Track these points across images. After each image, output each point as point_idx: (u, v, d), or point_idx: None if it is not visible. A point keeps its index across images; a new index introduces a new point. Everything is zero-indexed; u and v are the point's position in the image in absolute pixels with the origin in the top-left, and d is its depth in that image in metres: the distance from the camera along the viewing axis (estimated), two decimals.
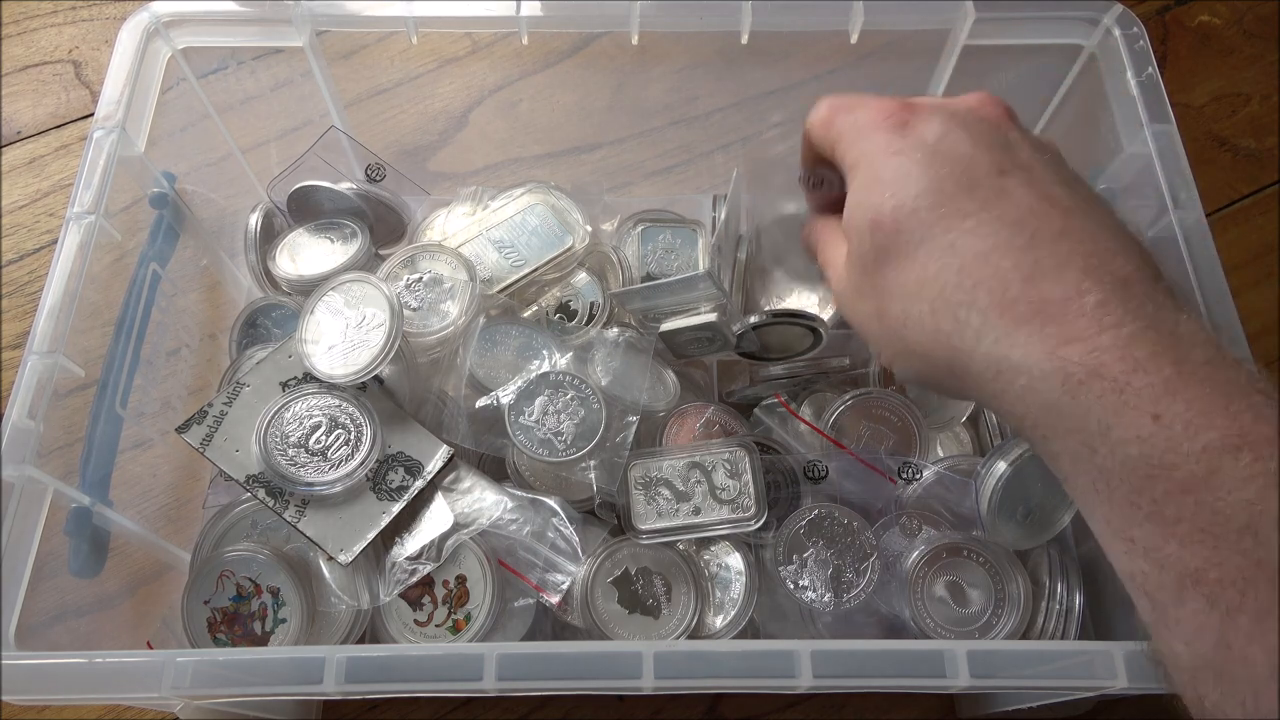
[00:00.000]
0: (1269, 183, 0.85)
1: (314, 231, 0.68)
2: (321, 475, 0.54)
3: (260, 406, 0.56)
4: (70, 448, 0.53)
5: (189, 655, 0.44)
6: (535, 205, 0.65)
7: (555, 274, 0.65)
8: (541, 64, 0.73)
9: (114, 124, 0.57)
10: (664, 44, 0.65)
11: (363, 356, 0.56)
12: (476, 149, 0.79)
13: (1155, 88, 0.59)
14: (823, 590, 0.56)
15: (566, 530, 0.57)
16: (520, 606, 0.57)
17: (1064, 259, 0.37)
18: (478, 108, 0.79)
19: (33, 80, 0.88)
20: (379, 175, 0.69)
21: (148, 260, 0.61)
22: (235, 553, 0.55)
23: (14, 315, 0.77)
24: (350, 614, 0.55)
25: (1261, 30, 0.92)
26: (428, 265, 0.62)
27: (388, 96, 0.78)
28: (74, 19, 0.91)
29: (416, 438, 0.57)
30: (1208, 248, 0.54)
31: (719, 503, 0.57)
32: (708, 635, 0.57)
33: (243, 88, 0.68)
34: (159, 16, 0.60)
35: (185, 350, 0.66)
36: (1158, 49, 0.61)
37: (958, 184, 0.40)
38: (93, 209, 0.55)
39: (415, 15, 0.61)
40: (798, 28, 0.63)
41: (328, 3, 0.62)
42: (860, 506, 0.59)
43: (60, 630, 0.52)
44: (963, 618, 0.56)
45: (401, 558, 0.55)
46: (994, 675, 0.43)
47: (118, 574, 0.59)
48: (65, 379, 0.52)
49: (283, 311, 0.68)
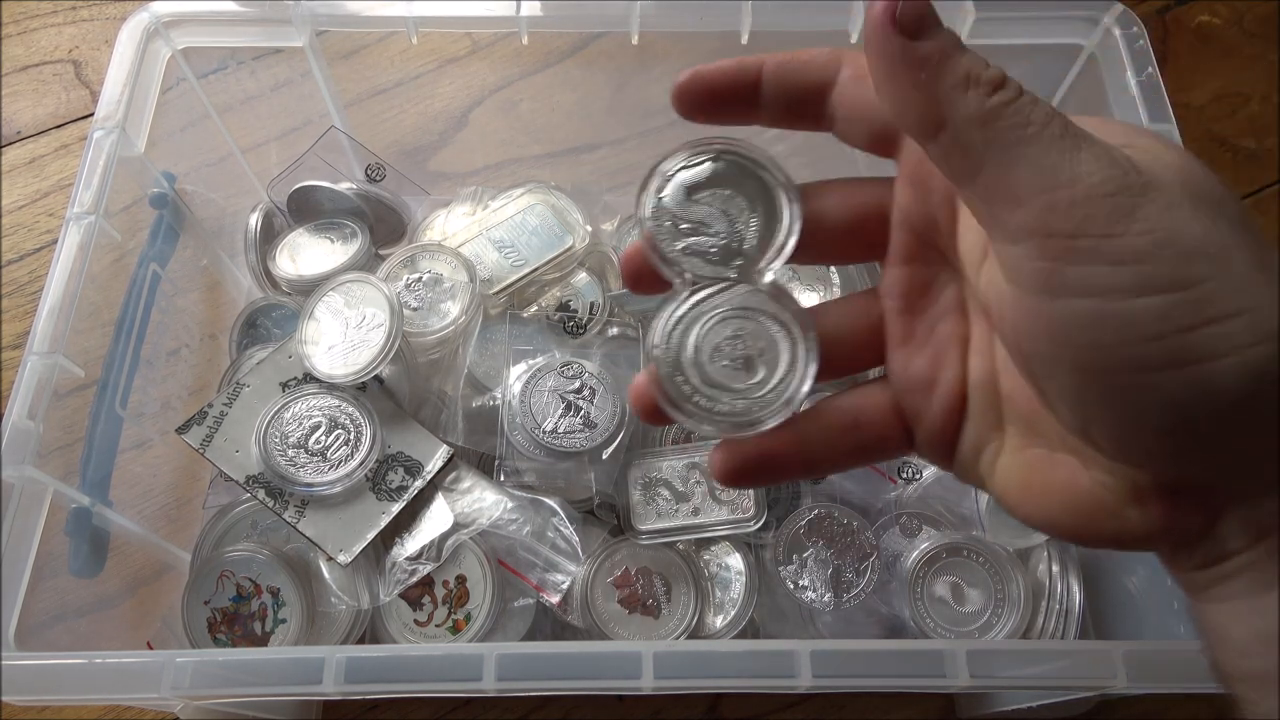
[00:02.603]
0: (1269, 183, 0.85)
1: (314, 231, 0.68)
2: (321, 475, 0.54)
3: (260, 407, 0.56)
4: (70, 448, 0.53)
5: (189, 655, 0.44)
6: (535, 205, 0.65)
7: (555, 274, 0.65)
8: (541, 64, 0.73)
9: (114, 124, 0.57)
10: (664, 44, 0.65)
11: (363, 356, 0.56)
12: (476, 149, 0.79)
13: (1155, 88, 0.59)
14: (823, 590, 0.56)
15: (566, 530, 0.57)
16: (520, 606, 0.57)
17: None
18: (478, 108, 0.79)
19: (33, 80, 0.88)
20: (379, 175, 0.69)
21: (148, 260, 0.61)
22: (235, 553, 0.55)
23: (14, 315, 0.77)
24: (350, 614, 0.55)
25: (1261, 30, 0.91)
26: (428, 265, 0.62)
27: (388, 96, 0.78)
28: (74, 19, 0.91)
29: (416, 438, 0.57)
30: None
31: (718, 503, 0.57)
32: (708, 635, 0.57)
33: (243, 88, 0.68)
34: (159, 16, 0.60)
35: (185, 350, 0.66)
36: (1158, 49, 0.61)
37: None
38: (93, 209, 0.55)
39: (415, 15, 0.61)
40: (798, 28, 0.63)
41: (328, 3, 0.62)
42: (860, 506, 0.59)
43: (60, 630, 0.52)
44: (963, 618, 0.56)
45: (401, 558, 0.55)
46: (994, 675, 0.43)
47: (118, 574, 0.59)
48: (65, 379, 0.52)
49: (283, 311, 0.68)
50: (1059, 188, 0.24)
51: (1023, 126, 0.25)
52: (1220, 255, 0.24)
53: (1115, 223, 0.24)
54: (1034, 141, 0.25)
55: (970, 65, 0.25)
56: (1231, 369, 0.24)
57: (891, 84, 0.26)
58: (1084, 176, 0.24)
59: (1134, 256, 0.24)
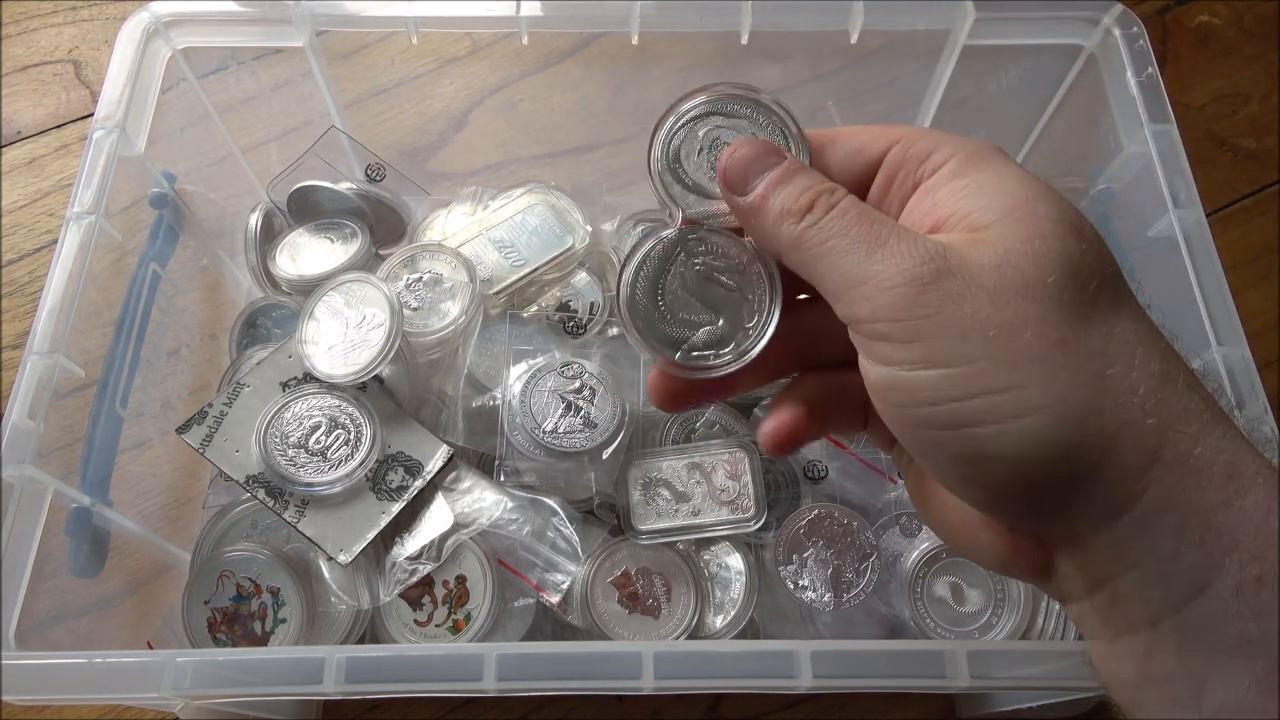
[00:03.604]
0: (1269, 183, 0.85)
1: (314, 231, 0.68)
2: (321, 475, 0.54)
3: (260, 407, 0.56)
4: (70, 448, 0.53)
5: (189, 655, 0.44)
6: (535, 205, 0.65)
7: (555, 274, 0.65)
8: (541, 64, 0.73)
9: (114, 124, 0.57)
10: (664, 44, 0.65)
11: (363, 356, 0.56)
12: (476, 149, 0.79)
13: (1155, 88, 0.59)
14: (823, 590, 0.56)
15: (566, 530, 0.57)
16: (520, 606, 0.57)
17: None
18: (478, 108, 0.79)
19: (33, 80, 0.88)
20: (379, 175, 0.69)
21: (148, 260, 0.61)
22: (235, 553, 0.55)
23: (14, 315, 0.77)
24: (350, 614, 0.55)
25: (1261, 30, 0.91)
26: (428, 265, 0.62)
27: (388, 96, 0.78)
28: (74, 19, 0.91)
29: (416, 438, 0.57)
30: (1208, 248, 0.54)
31: (719, 503, 0.57)
32: (708, 635, 0.57)
33: (243, 88, 0.68)
34: (159, 16, 0.60)
35: (185, 350, 0.66)
36: (1158, 49, 0.61)
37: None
38: (93, 209, 0.55)
39: (415, 15, 0.61)
40: (798, 28, 0.63)
41: (328, 3, 0.62)
42: (860, 506, 0.59)
43: (60, 630, 0.52)
44: (963, 618, 0.56)
45: (401, 558, 0.55)
46: (994, 675, 0.43)
47: (118, 574, 0.59)
48: (65, 379, 0.52)
49: (283, 311, 0.68)
50: (856, 285, 0.29)
51: (822, 243, 0.30)
52: (999, 336, 0.28)
53: (900, 309, 0.29)
54: (832, 254, 0.30)
55: (782, 203, 0.31)
56: (1000, 435, 0.28)
57: (744, 226, 0.33)
58: (875, 275, 0.29)
59: (914, 335, 0.28)
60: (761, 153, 0.32)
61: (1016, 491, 0.29)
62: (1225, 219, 0.83)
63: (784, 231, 0.31)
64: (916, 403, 0.29)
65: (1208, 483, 0.27)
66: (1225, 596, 0.27)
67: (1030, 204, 0.30)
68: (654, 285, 0.33)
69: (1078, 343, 0.28)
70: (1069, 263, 0.29)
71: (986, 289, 0.28)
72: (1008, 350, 0.28)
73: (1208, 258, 0.54)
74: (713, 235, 0.34)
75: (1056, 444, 0.28)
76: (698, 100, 0.34)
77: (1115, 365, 0.28)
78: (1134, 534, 0.28)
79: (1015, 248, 0.29)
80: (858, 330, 0.30)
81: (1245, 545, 0.27)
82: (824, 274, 0.30)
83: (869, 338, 0.30)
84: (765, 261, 0.33)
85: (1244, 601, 0.27)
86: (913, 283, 0.28)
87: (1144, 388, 0.28)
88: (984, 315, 0.28)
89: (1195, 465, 0.28)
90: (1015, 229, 0.29)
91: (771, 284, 0.33)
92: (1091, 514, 0.29)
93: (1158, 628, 0.29)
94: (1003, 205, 0.30)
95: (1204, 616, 0.28)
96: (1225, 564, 0.27)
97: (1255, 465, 0.28)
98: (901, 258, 0.29)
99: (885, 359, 0.29)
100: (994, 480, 0.29)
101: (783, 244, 0.31)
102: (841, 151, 0.34)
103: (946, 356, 0.28)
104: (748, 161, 0.32)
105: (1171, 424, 0.28)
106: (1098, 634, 0.31)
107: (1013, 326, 0.28)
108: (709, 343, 0.33)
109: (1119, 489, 0.28)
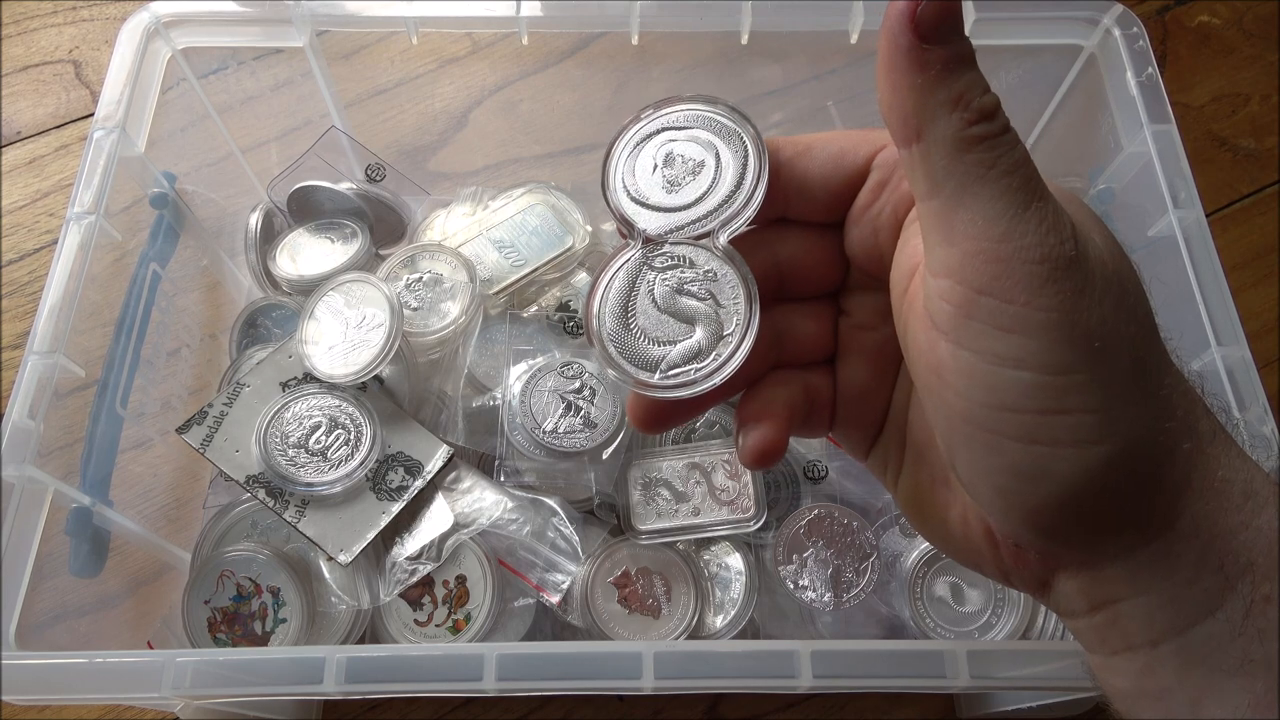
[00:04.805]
0: (1269, 183, 0.85)
1: (314, 231, 0.68)
2: (321, 475, 0.54)
3: (260, 407, 0.56)
4: (70, 448, 0.53)
5: (189, 655, 0.44)
6: (535, 205, 0.65)
7: (555, 274, 0.65)
8: (541, 64, 0.73)
9: (114, 124, 0.57)
10: (664, 44, 0.65)
11: (363, 356, 0.56)
12: (476, 149, 0.79)
13: (1155, 88, 0.59)
14: (823, 590, 0.56)
15: (566, 530, 0.57)
16: (520, 606, 0.57)
17: None
18: (478, 108, 0.79)
19: (33, 80, 0.88)
20: (379, 175, 0.69)
21: (148, 260, 0.61)
22: (235, 553, 0.55)
23: (14, 315, 0.77)
24: (350, 614, 0.55)
25: (1261, 30, 0.92)
26: (428, 265, 0.62)
27: (388, 96, 0.78)
28: (74, 19, 0.91)
29: (416, 438, 0.57)
30: (1208, 248, 0.54)
31: (718, 503, 0.57)
32: (708, 635, 0.57)
33: (243, 88, 0.68)
34: (159, 16, 0.60)
35: (185, 350, 0.66)
36: (1158, 49, 0.61)
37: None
38: (93, 209, 0.55)
39: (415, 15, 0.61)
40: (798, 28, 0.63)
41: (328, 3, 0.62)
42: (860, 506, 0.59)
43: (60, 630, 0.52)
44: (962, 618, 0.56)
45: (401, 558, 0.55)
46: (994, 675, 0.43)
47: (118, 574, 0.59)
48: (65, 379, 0.52)
49: (283, 311, 0.68)
50: (988, 239, 0.24)
51: (986, 166, 0.24)
52: (1104, 349, 0.24)
53: (1020, 291, 0.24)
54: (987, 184, 0.24)
55: (966, 87, 0.24)
56: (1069, 459, 0.25)
57: (889, 78, 0.25)
58: (1016, 236, 0.24)
59: (1023, 327, 0.24)
60: (960, 11, 0.24)
61: (1054, 515, 0.26)
62: (1225, 219, 0.83)
63: (950, 122, 0.24)
64: (993, 404, 0.25)
65: (1229, 504, 0.26)
66: (1235, 619, 0.26)
67: (1075, 207, 0.26)
68: (623, 309, 0.31)
69: (1152, 370, 0.25)
70: (1135, 276, 0.26)
71: (1098, 293, 0.24)
72: (1110, 369, 0.24)
73: (1207, 258, 0.54)
74: (677, 248, 0.32)
75: (1115, 472, 0.25)
76: (645, 120, 0.32)
77: (1163, 389, 0.25)
78: (1152, 561, 0.26)
79: (1110, 249, 0.25)
80: (952, 297, 0.25)
81: (1260, 565, 0.26)
82: (958, 202, 0.24)
83: (963, 311, 0.24)
84: (737, 262, 0.31)
85: (1252, 622, 0.26)
86: (1052, 262, 0.23)
87: (1181, 410, 0.26)
88: (1095, 321, 0.24)
89: (1220, 488, 0.26)
90: (1105, 240, 0.26)
91: (746, 285, 0.31)
92: (1121, 544, 0.27)
93: (1158, 648, 0.27)
94: (1078, 214, 0.26)
95: (1209, 638, 0.26)
96: (1239, 586, 0.26)
97: (1264, 482, 0.27)
98: (1047, 227, 0.24)
99: (973, 343, 0.24)
100: (1038, 502, 0.26)
101: (937, 134, 0.24)
102: (821, 157, 0.30)
103: (1045, 360, 0.24)
104: (957, 12, 0.24)
105: (1201, 447, 0.26)
106: (1094, 649, 0.29)
107: (1115, 341, 0.24)
108: (688, 357, 0.32)
109: (1155, 520, 0.26)
